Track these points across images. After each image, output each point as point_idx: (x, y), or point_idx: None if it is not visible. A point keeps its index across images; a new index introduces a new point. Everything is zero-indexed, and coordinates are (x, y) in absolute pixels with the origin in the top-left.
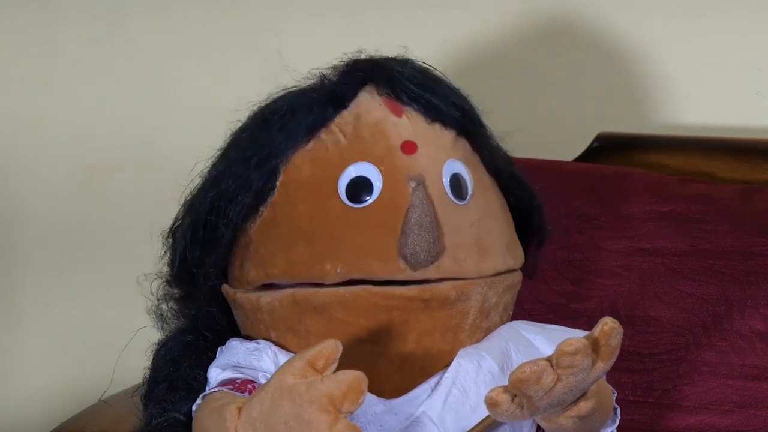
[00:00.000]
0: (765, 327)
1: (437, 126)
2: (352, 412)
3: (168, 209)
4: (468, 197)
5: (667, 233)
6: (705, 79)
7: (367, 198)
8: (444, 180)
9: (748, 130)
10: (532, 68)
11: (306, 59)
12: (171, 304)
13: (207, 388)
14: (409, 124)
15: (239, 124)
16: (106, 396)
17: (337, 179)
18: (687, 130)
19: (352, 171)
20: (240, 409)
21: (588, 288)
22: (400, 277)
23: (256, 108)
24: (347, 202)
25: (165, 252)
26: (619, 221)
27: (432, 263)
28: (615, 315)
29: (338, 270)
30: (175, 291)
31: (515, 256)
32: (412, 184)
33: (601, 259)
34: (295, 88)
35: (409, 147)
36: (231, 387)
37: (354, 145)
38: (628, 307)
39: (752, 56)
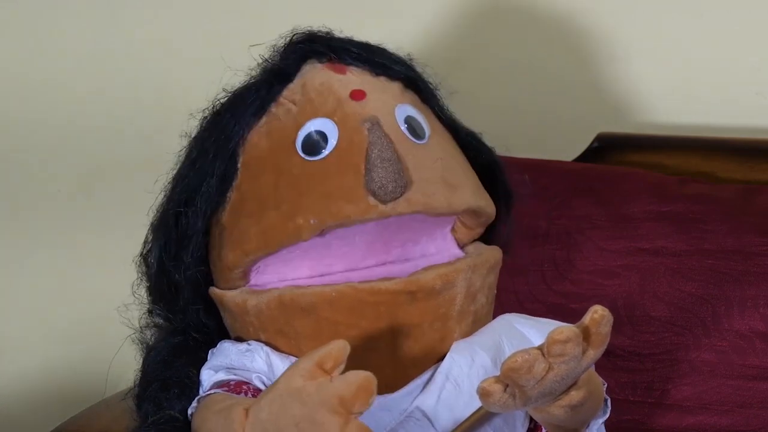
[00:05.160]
0: (765, 327)
1: (383, 78)
2: (362, 413)
3: None
4: (426, 137)
5: (667, 233)
6: (705, 79)
7: (326, 149)
8: (398, 120)
9: (748, 130)
10: (531, 68)
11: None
12: (154, 331)
13: (200, 389)
14: (355, 77)
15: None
16: (104, 397)
17: (294, 141)
18: (687, 130)
19: (307, 129)
20: (247, 411)
21: (588, 288)
22: (373, 215)
23: (208, 109)
24: (307, 158)
25: (139, 277)
26: (619, 221)
27: (401, 195)
28: (615, 315)
29: (311, 221)
30: (158, 320)
31: (486, 199)
32: (368, 125)
33: (601, 259)
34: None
35: (357, 94)
36: (226, 389)
37: (304, 107)
38: (628, 307)
39: (752, 56)
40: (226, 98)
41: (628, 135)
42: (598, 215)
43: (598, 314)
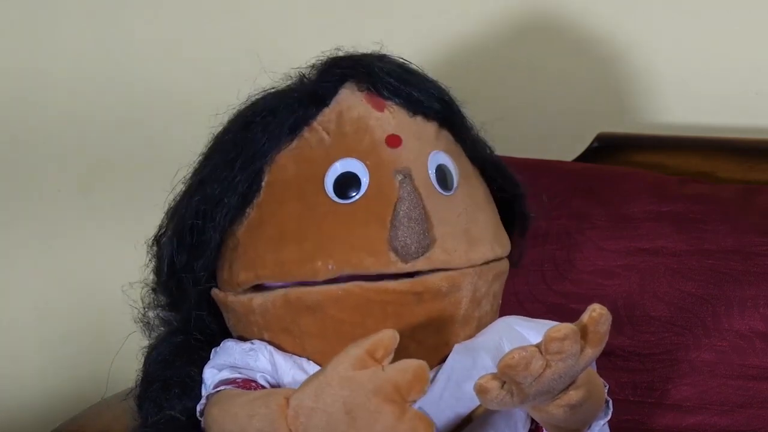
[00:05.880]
0: (765, 327)
1: (419, 118)
2: (416, 401)
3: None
4: (454, 188)
5: (667, 233)
6: (705, 79)
7: (355, 193)
8: (430, 172)
9: (748, 130)
10: (531, 68)
11: (283, 59)
12: (158, 311)
13: (203, 388)
14: (392, 118)
15: (220, 128)
16: (104, 397)
17: (323, 176)
18: (686, 130)
19: (338, 167)
20: (288, 399)
21: (588, 288)
22: (392, 270)
23: (236, 111)
24: (335, 199)
25: (150, 260)
26: (619, 221)
27: (423, 255)
28: (615, 315)
29: (330, 267)
30: (162, 299)
31: (502, 244)
32: (399, 177)
33: (601, 259)
34: (273, 89)
35: (393, 140)
36: (234, 386)
37: (338, 142)
38: (628, 307)
39: (752, 56)
40: (258, 108)
41: (628, 135)
42: (598, 215)
43: (596, 313)
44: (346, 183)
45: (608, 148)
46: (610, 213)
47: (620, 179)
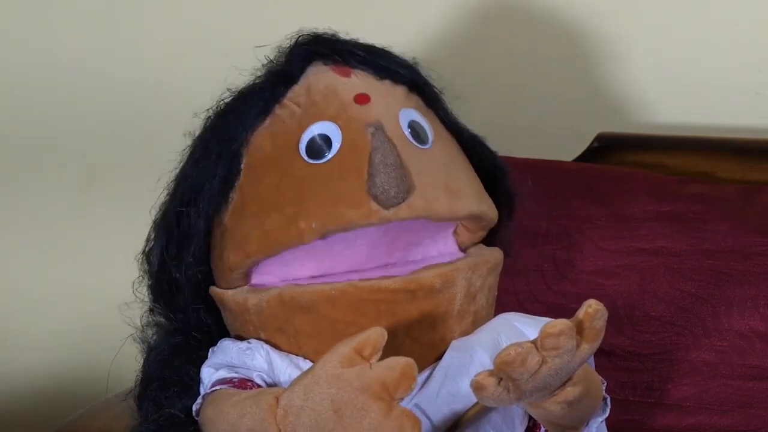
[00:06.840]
0: (765, 327)
1: (387, 82)
2: (403, 399)
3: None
4: (429, 142)
5: (667, 233)
6: (705, 80)
7: (329, 153)
8: (402, 125)
9: (748, 130)
10: (532, 68)
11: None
12: (155, 329)
13: (201, 387)
14: (359, 81)
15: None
16: (104, 397)
17: (297, 144)
18: (686, 130)
19: (311, 131)
20: (278, 398)
21: (588, 288)
22: (375, 220)
23: (212, 109)
24: (310, 161)
25: (141, 275)
26: (619, 221)
27: (403, 200)
28: (615, 315)
29: (313, 225)
30: (158, 306)
31: (488, 205)
32: (371, 130)
33: (601, 259)
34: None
35: (362, 98)
36: (230, 386)
37: (308, 110)
38: (628, 307)
39: (752, 56)
40: (230, 98)
41: (628, 135)
42: (598, 215)
43: (592, 308)
44: (320, 146)
45: (608, 148)
46: (610, 213)
47: (620, 179)
